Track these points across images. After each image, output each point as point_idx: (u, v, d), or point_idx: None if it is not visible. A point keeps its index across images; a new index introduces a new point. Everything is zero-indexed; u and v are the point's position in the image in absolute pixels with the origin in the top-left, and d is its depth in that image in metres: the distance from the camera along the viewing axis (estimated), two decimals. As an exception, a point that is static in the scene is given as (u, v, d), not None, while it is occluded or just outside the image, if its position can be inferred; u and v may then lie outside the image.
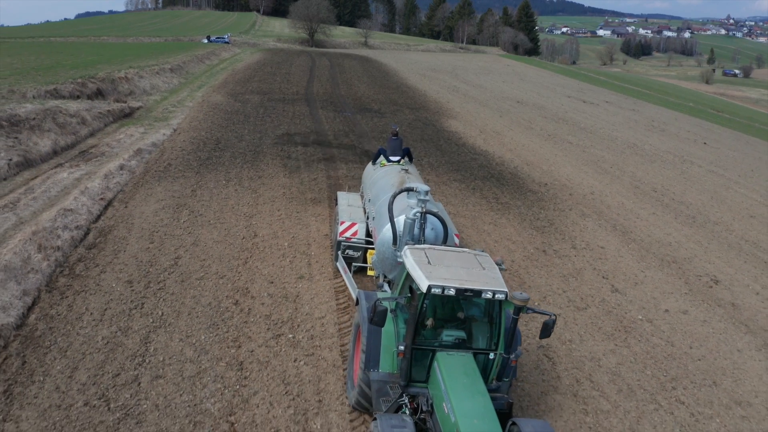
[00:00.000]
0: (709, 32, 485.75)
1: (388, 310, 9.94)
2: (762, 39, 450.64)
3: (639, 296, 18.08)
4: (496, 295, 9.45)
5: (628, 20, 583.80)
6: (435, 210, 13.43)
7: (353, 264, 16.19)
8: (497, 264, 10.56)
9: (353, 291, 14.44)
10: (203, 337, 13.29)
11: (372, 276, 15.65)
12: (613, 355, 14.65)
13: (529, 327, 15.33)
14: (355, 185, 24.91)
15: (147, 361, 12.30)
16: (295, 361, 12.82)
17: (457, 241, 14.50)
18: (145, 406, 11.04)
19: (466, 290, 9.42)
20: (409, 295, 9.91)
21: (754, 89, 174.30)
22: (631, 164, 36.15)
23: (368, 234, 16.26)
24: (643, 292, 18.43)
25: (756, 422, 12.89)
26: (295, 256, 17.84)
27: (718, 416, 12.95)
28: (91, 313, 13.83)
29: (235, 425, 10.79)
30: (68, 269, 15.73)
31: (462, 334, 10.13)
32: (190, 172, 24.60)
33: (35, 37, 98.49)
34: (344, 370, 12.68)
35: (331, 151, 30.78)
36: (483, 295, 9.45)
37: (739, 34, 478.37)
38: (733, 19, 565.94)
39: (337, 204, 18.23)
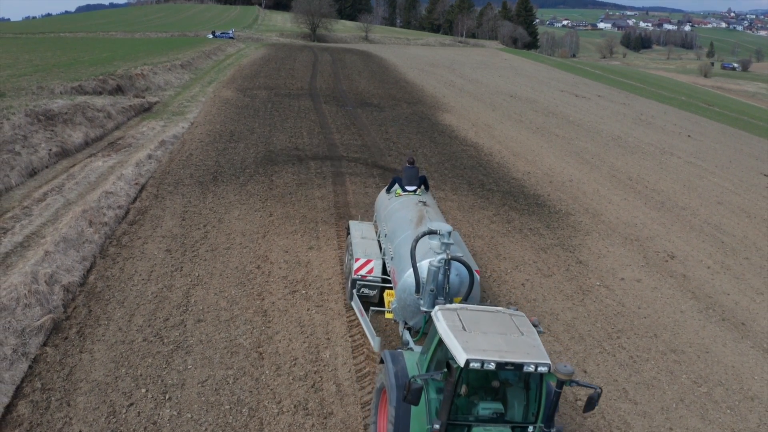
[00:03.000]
0: (709, 25, 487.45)
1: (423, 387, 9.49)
2: (762, 32, 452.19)
3: (600, 267, 21.05)
4: (539, 368, 8.95)
5: (629, 13, 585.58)
6: (459, 254, 13.05)
7: (371, 308, 14.95)
8: (534, 325, 10.12)
9: (372, 339, 13.58)
10: (233, 292, 16.35)
11: (390, 318, 14.87)
12: (570, 312, 17.64)
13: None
14: (357, 183, 27.90)
15: (190, 309, 15.35)
16: (308, 310, 15.89)
17: (477, 277, 13.56)
18: (192, 341, 14.09)
19: (506, 364, 8.90)
20: (446, 370, 9.26)
21: (752, 83, 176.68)
22: (611, 155, 39.05)
23: (384, 271, 15.60)
24: (604, 264, 21.40)
25: (686, 366, 15.78)
26: (305, 231, 20.88)
27: (654, 359, 15.87)
28: (140, 275, 16.87)
29: (263, 354, 13.86)
30: (116, 240, 18.79)
31: (500, 406, 9.53)
32: (210, 161, 27.62)
33: (45, 33, 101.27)
34: (348, 318, 15.69)
35: (335, 144, 33.70)
36: (525, 368, 8.94)
37: (739, 28, 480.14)
38: (734, 12, 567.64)
39: (349, 234, 17.45)
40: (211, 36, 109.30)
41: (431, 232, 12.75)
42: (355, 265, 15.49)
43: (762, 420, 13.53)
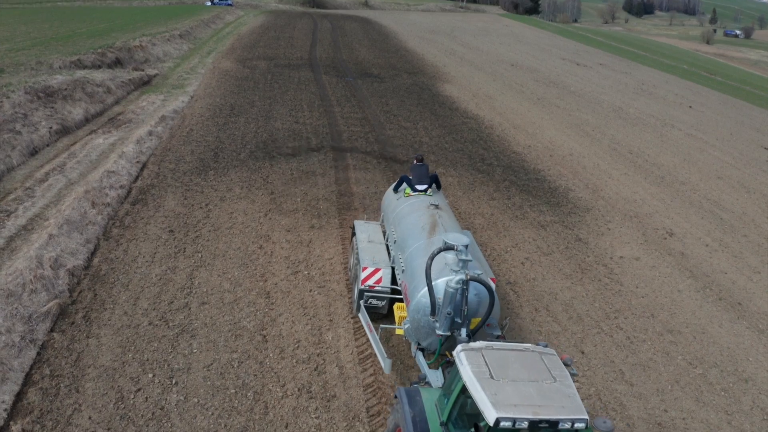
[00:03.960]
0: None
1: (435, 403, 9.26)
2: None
3: (599, 245, 21.22)
4: (576, 425, 8.20)
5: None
6: (478, 270, 11.94)
7: (380, 326, 13.41)
8: (566, 365, 9.28)
9: (383, 361, 12.38)
10: (236, 274, 16.56)
11: (401, 335, 13.54)
12: (568, 291, 17.85)
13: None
14: (358, 158, 27.90)
15: (194, 291, 15.55)
16: (310, 291, 16.11)
17: (493, 285, 12.54)
18: (196, 324, 14.32)
19: (540, 422, 8.12)
20: (473, 430, 8.55)
21: (754, 50, 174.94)
22: (612, 127, 38.99)
23: (394, 280, 14.41)
24: (603, 241, 21.56)
25: (682, 347, 16.00)
26: (306, 209, 21.01)
27: (650, 340, 16.10)
28: (144, 256, 17.05)
29: (267, 337, 14.11)
30: (119, 222, 18.92)
31: None
32: (211, 137, 27.62)
33: (42, 2, 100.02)
34: (349, 299, 15.90)
35: (335, 117, 33.63)
36: (560, 425, 8.18)
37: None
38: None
39: (354, 235, 16.36)
40: (209, 3, 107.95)
41: (448, 248, 11.62)
42: (363, 275, 14.27)
43: (755, 402, 13.82)
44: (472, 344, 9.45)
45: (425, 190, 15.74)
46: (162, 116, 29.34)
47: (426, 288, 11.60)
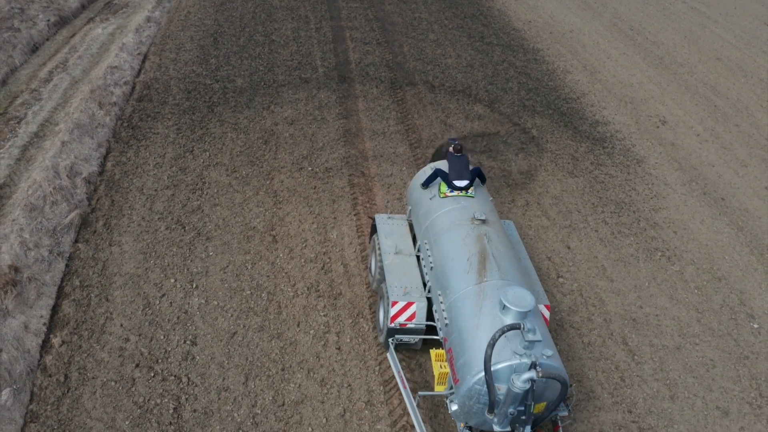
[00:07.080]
0: None
1: None
2: None
3: (592, 133, 21.82)
4: None
5: None
6: (549, 352, 9.37)
7: (419, 393, 11.04)
8: None
9: (418, 426, 10.80)
10: (244, 172, 17.40)
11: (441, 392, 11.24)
12: (559, 184, 18.74)
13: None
14: (357, 40, 27.72)
15: (205, 193, 16.47)
16: (314, 188, 17.04)
17: (547, 313, 11.66)
18: (210, 227, 15.36)
19: None
20: None
21: None
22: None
23: (429, 314, 11.95)
24: (596, 130, 22.13)
25: (662, 242, 16.95)
26: (308, 99, 21.47)
27: (633, 235, 17.08)
28: (154, 158, 17.79)
29: (276, 237, 15.20)
30: (127, 122, 19.44)
31: None
32: (209, 20, 27.37)
33: None
34: (352, 195, 16.78)
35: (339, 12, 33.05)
36: None
37: None
38: None
39: (374, 233, 13.86)
40: None
41: (512, 328, 9.25)
42: (392, 311, 11.85)
43: (725, 302, 15.08)
44: None
45: (465, 188, 12.65)
46: (158, -1, 28.93)
47: (482, 374, 9.29)
